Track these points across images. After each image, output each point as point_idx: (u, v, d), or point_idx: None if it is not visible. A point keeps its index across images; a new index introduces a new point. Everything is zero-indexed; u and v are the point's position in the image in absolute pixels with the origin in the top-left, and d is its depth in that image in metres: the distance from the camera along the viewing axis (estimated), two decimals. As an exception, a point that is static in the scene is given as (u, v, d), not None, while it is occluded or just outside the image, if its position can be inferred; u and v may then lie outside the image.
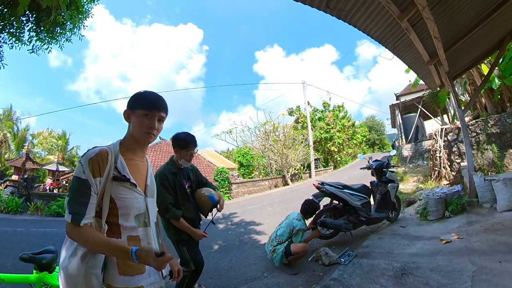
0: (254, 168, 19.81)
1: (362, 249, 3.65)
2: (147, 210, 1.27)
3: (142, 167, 1.32)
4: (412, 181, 8.55)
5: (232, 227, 6.10)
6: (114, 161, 1.17)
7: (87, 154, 1.13)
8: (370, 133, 39.50)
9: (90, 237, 1.06)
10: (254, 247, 4.37)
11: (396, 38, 4.08)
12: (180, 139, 2.45)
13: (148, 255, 1.03)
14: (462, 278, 2.40)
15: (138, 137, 1.26)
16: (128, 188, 1.19)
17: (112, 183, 1.15)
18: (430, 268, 2.72)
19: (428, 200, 4.43)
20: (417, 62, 4.91)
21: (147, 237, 1.25)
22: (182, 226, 2.37)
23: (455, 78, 5.89)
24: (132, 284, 1.15)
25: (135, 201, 1.21)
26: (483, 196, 4.23)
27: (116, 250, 1.07)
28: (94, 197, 1.10)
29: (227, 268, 3.60)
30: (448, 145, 7.17)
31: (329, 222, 3.86)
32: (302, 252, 3.30)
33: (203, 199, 2.56)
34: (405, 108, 15.43)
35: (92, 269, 1.10)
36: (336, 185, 3.95)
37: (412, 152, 13.22)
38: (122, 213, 1.18)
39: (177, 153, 2.46)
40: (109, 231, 1.15)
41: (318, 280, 2.95)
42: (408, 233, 4.01)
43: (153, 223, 1.32)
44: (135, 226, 1.21)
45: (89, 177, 1.09)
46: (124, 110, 1.26)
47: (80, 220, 1.05)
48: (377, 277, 2.76)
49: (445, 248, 3.15)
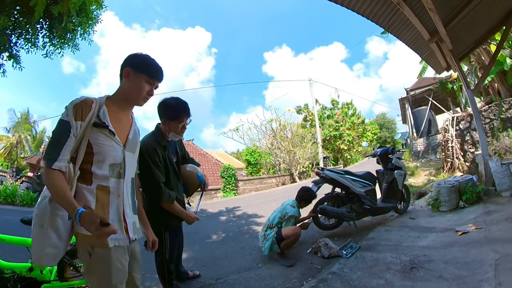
0: (261, 166, 19.60)
1: (366, 241, 3.33)
2: (124, 162, 1.28)
3: (125, 121, 1.35)
4: (424, 175, 8.10)
5: (233, 219, 5.94)
6: (98, 110, 1.21)
7: (73, 101, 1.19)
8: (381, 131, 38.55)
9: (53, 182, 1.07)
10: (252, 237, 4.15)
11: (390, 15, 3.82)
12: (169, 108, 2.02)
13: (91, 221, 1.01)
14: (483, 268, 2.08)
15: (133, 99, 1.33)
16: (106, 136, 1.21)
17: (92, 129, 1.18)
18: (444, 261, 2.39)
19: (439, 189, 4.05)
20: (417, 40, 4.60)
21: (118, 190, 1.25)
22: (175, 210, 2.03)
23: (462, 59, 5.51)
24: None
25: (112, 149, 1.23)
26: (501, 183, 3.82)
27: (67, 204, 1.06)
28: (72, 139, 1.13)
29: (222, 257, 3.44)
30: (460, 134, 6.75)
31: (329, 209, 3.54)
32: (294, 236, 2.99)
33: (190, 177, 2.25)
34: (415, 101, 14.82)
35: (58, 210, 1.12)
36: (337, 171, 3.65)
37: (424, 147, 12.68)
38: (97, 160, 1.19)
39: (165, 125, 2.05)
40: (80, 177, 1.17)
41: (316, 274, 2.66)
42: (419, 224, 3.67)
43: (129, 177, 1.32)
44: (107, 175, 1.21)
45: (71, 120, 1.13)
46: (126, 68, 1.29)
47: (52, 163, 1.07)
48: (382, 271, 2.45)
49: (462, 240, 2.80)
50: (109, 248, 1.17)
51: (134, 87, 1.30)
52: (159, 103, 2.06)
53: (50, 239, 1.12)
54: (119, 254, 1.21)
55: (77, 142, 1.15)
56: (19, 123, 25.24)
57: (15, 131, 25.03)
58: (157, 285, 2.55)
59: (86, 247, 1.16)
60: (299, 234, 3.06)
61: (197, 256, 3.52)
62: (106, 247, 1.16)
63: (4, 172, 15.96)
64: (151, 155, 1.92)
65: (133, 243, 1.35)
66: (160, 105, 2.05)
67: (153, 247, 1.51)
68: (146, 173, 1.88)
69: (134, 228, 1.32)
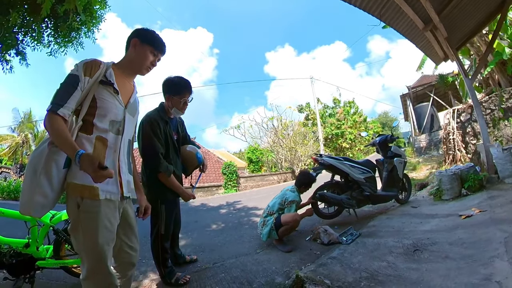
0: (263, 164, 19.55)
1: (367, 228, 3.27)
2: (124, 121, 1.33)
3: (128, 86, 1.41)
4: (426, 169, 8.03)
5: (233, 212, 5.92)
6: (105, 71, 1.28)
7: (84, 60, 1.25)
8: (383, 130, 38.38)
9: (55, 125, 1.09)
10: (252, 228, 4.11)
11: (382, 3, 3.77)
12: (172, 84, 2.14)
13: (90, 163, 1.02)
14: (491, 245, 2.02)
15: (138, 67, 1.41)
16: (110, 93, 1.27)
17: (98, 86, 1.24)
18: (449, 242, 2.33)
19: (441, 177, 3.98)
20: (412, 29, 4.56)
21: (116, 145, 1.29)
22: (172, 183, 2.05)
23: (459, 49, 5.45)
24: (88, 182, 1.13)
25: (114, 106, 1.28)
26: (503, 170, 3.75)
27: (68, 145, 1.08)
28: (78, 92, 1.18)
29: (220, 244, 3.42)
30: (461, 126, 6.66)
31: (329, 196, 3.47)
32: (293, 222, 2.93)
33: (190, 156, 2.29)
34: (417, 98, 14.73)
35: (54, 154, 1.14)
36: (336, 157, 3.60)
37: (426, 143, 12.58)
38: (99, 113, 1.23)
39: (168, 100, 2.15)
40: (82, 127, 1.21)
41: (315, 259, 2.60)
42: (421, 212, 3.60)
43: (126, 137, 1.36)
44: (107, 129, 1.25)
45: (80, 74, 1.19)
46: (134, 39, 1.39)
47: (58, 109, 1.11)
48: (383, 255, 2.39)
49: (466, 222, 2.74)
50: (99, 200, 1.17)
51: (140, 56, 1.39)
52: (164, 80, 2.16)
53: (42, 186, 1.11)
54: (108, 210, 1.20)
55: (82, 96, 1.20)
56: (23, 123, 25.54)
57: (20, 130, 25.35)
58: (153, 271, 2.50)
59: (75, 198, 1.15)
60: (298, 221, 3.00)
61: (195, 243, 3.50)
62: (96, 198, 1.16)
63: (8, 168, 16.14)
64: (152, 126, 2.00)
65: (126, 202, 1.35)
66: (164, 82, 2.16)
67: (145, 213, 1.54)
68: (146, 142, 1.99)
69: (128, 186, 1.34)
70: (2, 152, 24.71)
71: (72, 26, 5.03)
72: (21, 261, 2.03)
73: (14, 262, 1.99)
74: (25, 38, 5.17)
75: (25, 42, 5.23)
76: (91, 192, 1.15)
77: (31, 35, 5.10)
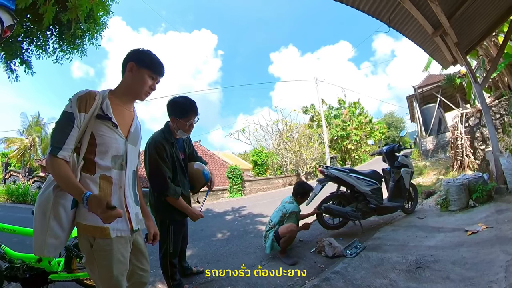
0: (268, 167, 19.54)
1: (372, 241, 3.26)
2: (126, 154, 1.30)
3: (127, 115, 1.37)
4: (433, 174, 7.92)
5: (239, 219, 5.94)
6: (101, 103, 1.24)
7: (77, 93, 1.21)
8: (389, 130, 37.98)
9: (58, 169, 1.10)
10: (257, 237, 4.13)
11: (391, 9, 3.74)
12: (178, 106, 2.08)
13: (99, 204, 1.03)
14: (492, 269, 2.00)
15: (136, 93, 1.36)
16: (109, 128, 1.24)
17: (95, 121, 1.20)
18: (452, 261, 2.31)
19: (448, 187, 3.93)
20: (421, 34, 4.50)
21: (120, 181, 1.27)
22: (180, 205, 2.07)
23: (468, 53, 5.36)
24: (98, 223, 1.14)
25: (115, 141, 1.25)
26: (513, 181, 3.70)
27: (74, 188, 1.09)
28: (76, 130, 1.16)
29: (226, 255, 3.45)
30: (470, 131, 6.55)
31: (334, 208, 3.47)
32: (289, 233, 2.97)
33: (197, 174, 2.29)
34: (424, 99, 14.49)
35: (61, 198, 1.15)
36: (341, 169, 3.59)
37: (433, 145, 12.41)
38: (100, 151, 1.21)
39: (174, 122, 2.11)
40: (84, 167, 1.20)
41: (318, 273, 2.62)
42: (427, 224, 3.56)
43: (130, 170, 1.34)
44: (110, 166, 1.24)
45: (74, 111, 1.16)
46: (130, 62, 1.32)
47: (58, 152, 1.10)
48: (386, 271, 2.39)
49: (471, 239, 2.70)
50: (111, 238, 1.18)
51: (138, 81, 1.33)
52: (168, 101, 2.12)
53: (52, 228, 1.13)
54: (120, 245, 1.22)
55: (80, 133, 1.18)
56: (31, 126, 26.08)
57: (28, 134, 25.88)
58: (160, 280, 2.57)
59: (87, 237, 1.17)
60: (294, 231, 3.04)
61: (201, 253, 3.54)
62: (108, 237, 1.17)
63: (17, 172, 16.56)
64: (158, 151, 1.99)
65: (136, 234, 1.36)
66: (169, 103, 2.11)
67: (154, 240, 1.52)
68: (153, 167, 1.99)
69: (136, 219, 1.35)
70: (11, 154, 25.26)
71: (76, 33, 5.03)
72: (34, 275, 2.12)
73: (28, 276, 2.09)
74: (30, 47, 5.16)
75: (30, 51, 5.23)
76: (102, 232, 1.17)
77: (36, 43, 5.10)
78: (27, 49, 5.14)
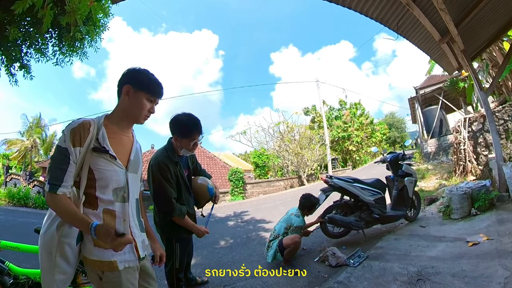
0: (269, 169, 19.57)
1: (375, 250, 3.29)
2: (127, 185, 1.25)
3: (126, 142, 1.31)
4: (435, 178, 7.92)
5: (241, 225, 5.97)
6: (96, 133, 1.18)
7: (70, 125, 1.15)
8: (390, 131, 37.92)
9: (60, 205, 1.08)
10: (260, 244, 4.16)
11: (399, 16, 3.76)
12: (181, 126, 2.01)
13: (107, 233, 1.02)
14: (491, 285, 2.03)
15: (134, 117, 1.29)
16: (107, 160, 1.19)
17: (92, 154, 1.15)
18: (452, 274, 2.34)
19: (451, 196, 3.96)
20: (428, 41, 4.50)
21: (124, 214, 1.24)
22: (186, 224, 2.06)
23: (474, 58, 5.36)
24: (105, 258, 1.14)
25: (114, 173, 1.21)
26: (514, 190, 3.71)
27: (79, 221, 1.07)
28: (72, 166, 1.11)
29: (229, 264, 3.47)
30: (473, 136, 6.54)
31: (338, 218, 3.51)
32: (293, 244, 3.02)
33: (201, 190, 2.27)
34: (425, 100, 14.47)
35: (65, 238, 1.13)
36: (345, 178, 3.61)
37: (435, 148, 12.40)
38: (100, 185, 1.17)
39: (177, 141, 2.06)
40: (86, 202, 1.17)
41: (322, 282, 2.67)
42: (429, 233, 3.59)
43: (133, 199, 1.30)
44: (112, 200, 1.20)
45: (68, 146, 1.11)
46: (125, 85, 1.24)
47: (57, 189, 1.07)
48: (388, 282, 2.43)
49: (471, 251, 2.73)
50: (119, 271, 1.17)
51: (135, 105, 1.26)
52: (171, 119, 2.06)
53: (60, 266, 1.12)
54: (129, 275, 1.22)
55: (78, 168, 1.14)
56: (32, 128, 26.13)
57: (29, 135, 25.92)
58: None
59: (96, 271, 1.17)
60: (298, 242, 3.08)
61: (205, 262, 3.56)
62: (116, 270, 1.16)
63: (18, 175, 16.63)
64: (163, 172, 1.95)
65: (143, 260, 1.35)
66: (172, 122, 2.05)
67: (160, 261, 1.52)
68: (158, 189, 1.96)
69: (143, 245, 1.33)
70: (12, 156, 25.33)
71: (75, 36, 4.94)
72: None
73: None
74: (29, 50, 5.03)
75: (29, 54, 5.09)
76: (110, 266, 1.16)
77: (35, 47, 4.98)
78: (26, 52, 5.01)
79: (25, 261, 2.40)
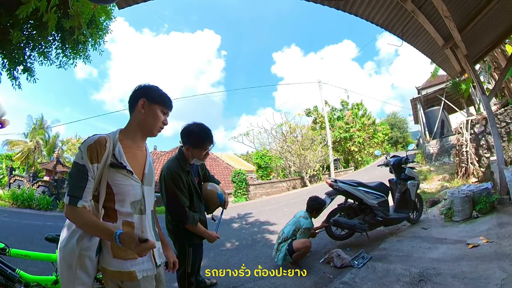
0: (272, 170, 19.66)
1: (378, 251, 3.40)
2: (143, 198, 1.31)
3: (140, 156, 1.36)
4: (437, 179, 7.99)
5: (246, 227, 6.07)
6: (112, 149, 1.22)
7: (87, 141, 1.18)
8: (392, 131, 37.88)
9: (81, 217, 1.11)
10: (266, 246, 4.27)
11: (404, 22, 3.84)
12: (193, 137, 2.05)
13: (131, 240, 1.06)
14: (488, 286, 2.13)
15: (149, 129, 1.35)
16: (124, 175, 1.23)
17: (109, 170, 1.19)
18: (452, 275, 2.45)
19: (453, 198, 4.05)
20: (431, 47, 4.59)
21: (142, 225, 1.29)
22: (198, 230, 2.14)
23: (477, 62, 5.43)
24: (124, 268, 1.19)
25: (131, 188, 1.26)
26: (515, 193, 3.79)
27: (103, 231, 1.12)
28: (91, 182, 1.15)
29: (236, 266, 3.55)
30: (475, 138, 6.62)
31: (342, 221, 3.62)
32: (304, 248, 3.13)
33: (211, 196, 2.35)
34: (428, 101, 14.52)
35: (86, 251, 1.16)
36: (350, 182, 3.71)
37: (437, 149, 12.44)
38: (118, 199, 1.22)
39: (188, 151, 2.09)
40: (105, 215, 1.21)
41: (328, 283, 2.78)
42: (430, 235, 3.69)
43: (149, 211, 1.35)
44: (130, 212, 1.25)
45: (86, 163, 1.14)
46: (141, 99, 1.31)
47: (77, 202, 1.11)
48: (391, 283, 2.54)
49: (471, 253, 2.84)
50: (138, 280, 1.21)
51: (150, 117, 1.33)
52: (182, 129, 2.11)
53: (80, 278, 1.16)
54: (147, 283, 1.27)
55: (96, 182, 1.18)
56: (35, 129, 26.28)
57: (32, 136, 26.06)
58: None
59: (115, 281, 1.21)
60: (309, 246, 3.19)
61: (213, 264, 3.67)
62: (135, 280, 1.20)
63: (21, 177, 16.67)
64: (175, 182, 2.01)
65: (159, 267, 1.42)
66: (184, 133, 2.09)
67: (173, 268, 1.58)
68: (171, 197, 2.04)
69: (159, 253, 1.40)
70: (15, 156, 25.47)
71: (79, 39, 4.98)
72: None
73: None
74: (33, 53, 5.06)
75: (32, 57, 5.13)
76: (129, 276, 1.19)
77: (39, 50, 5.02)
78: (29, 55, 5.05)
79: (32, 265, 2.48)
